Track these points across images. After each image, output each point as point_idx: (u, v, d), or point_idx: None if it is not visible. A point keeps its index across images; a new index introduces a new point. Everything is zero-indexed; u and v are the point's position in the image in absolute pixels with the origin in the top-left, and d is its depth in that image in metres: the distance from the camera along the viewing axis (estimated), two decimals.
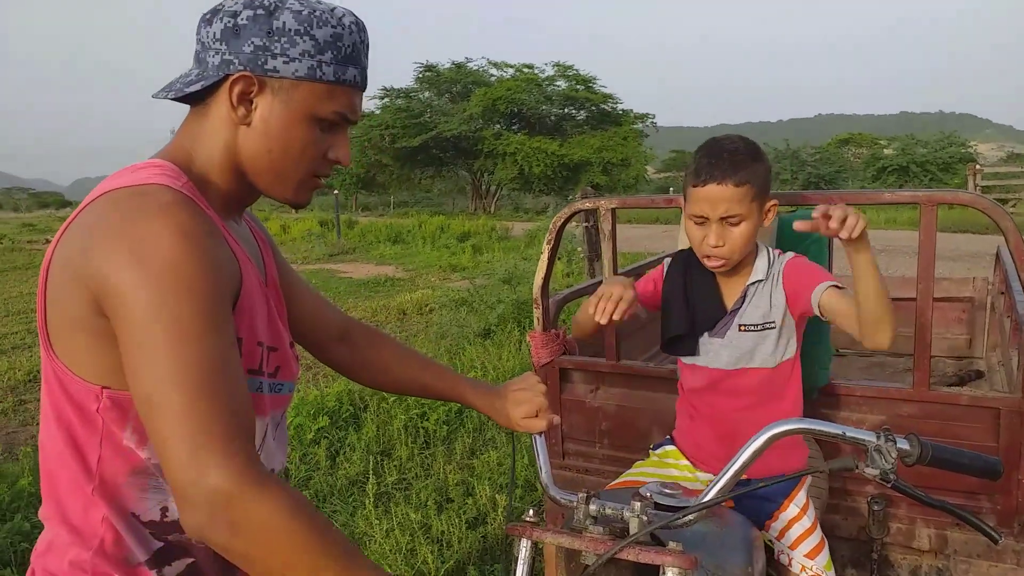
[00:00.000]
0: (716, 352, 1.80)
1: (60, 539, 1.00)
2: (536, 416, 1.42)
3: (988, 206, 1.93)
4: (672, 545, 1.16)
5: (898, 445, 1.19)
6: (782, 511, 1.70)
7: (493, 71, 36.12)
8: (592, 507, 1.27)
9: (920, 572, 2.03)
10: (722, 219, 1.66)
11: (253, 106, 1.03)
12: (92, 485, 0.98)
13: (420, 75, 36.38)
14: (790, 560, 1.69)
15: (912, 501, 1.49)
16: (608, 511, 1.26)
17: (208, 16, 1.03)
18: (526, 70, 35.03)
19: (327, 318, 1.39)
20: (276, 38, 1.00)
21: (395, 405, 4.65)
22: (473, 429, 4.48)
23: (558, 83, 35.09)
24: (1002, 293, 2.91)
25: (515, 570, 1.28)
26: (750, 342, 1.76)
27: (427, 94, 36.85)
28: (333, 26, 1.03)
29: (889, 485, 1.19)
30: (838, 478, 2.10)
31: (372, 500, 3.55)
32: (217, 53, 1.01)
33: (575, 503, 1.28)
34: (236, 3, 1.02)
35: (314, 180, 1.10)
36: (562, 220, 2.47)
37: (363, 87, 1.10)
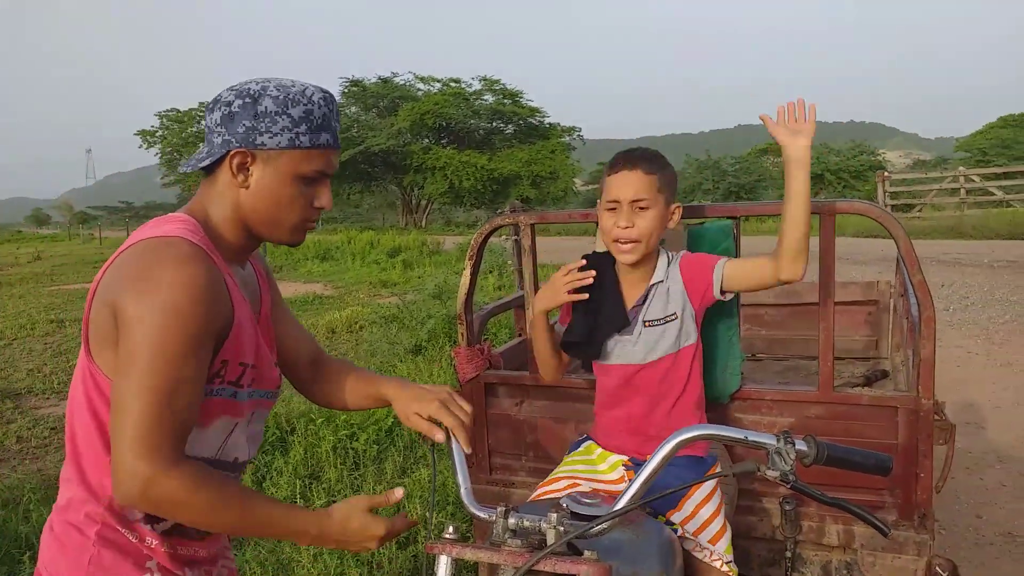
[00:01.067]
0: (628, 349, 1.93)
1: (78, 496, 1.29)
2: (427, 420, 1.49)
3: (879, 214, 2.05)
4: (587, 554, 1.18)
5: (796, 447, 1.25)
6: (687, 498, 1.80)
7: (420, 85, 36.13)
8: (511, 521, 1.29)
9: (831, 567, 2.12)
10: (632, 203, 1.83)
11: (250, 173, 1.31)
12: (110, 457, 1.21)
13: (346, 90, 36.07)
14: (695, 546, 1.79)
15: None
16: (526, 524, 1.28)
17: (211, 105, 1.32)
18: (453, 84, 35.13)
19: (300, 343, 1.63)
20: (261, 119, 1.28)
21: (323, 427, 4.57)
22: (404, 447, 4.45)
23: (485, 97, 35.31)
24: (902, 295, 3.08)
25: None
26: (655, 335, 1.91)
27: (354, 109, 36.56)
28: (304, 104, 1.30)
29: (789, 486, 1.25)
30: (751, 480, 2.17)
31: None
32: (219, 135, 1.30)
33: (495, 517, 1.30)
34: (230, 94, 1.30)
35: (306, 223, 1.38)
36: (483, 237, 2.50)
37: (336, 146, 1.36)
